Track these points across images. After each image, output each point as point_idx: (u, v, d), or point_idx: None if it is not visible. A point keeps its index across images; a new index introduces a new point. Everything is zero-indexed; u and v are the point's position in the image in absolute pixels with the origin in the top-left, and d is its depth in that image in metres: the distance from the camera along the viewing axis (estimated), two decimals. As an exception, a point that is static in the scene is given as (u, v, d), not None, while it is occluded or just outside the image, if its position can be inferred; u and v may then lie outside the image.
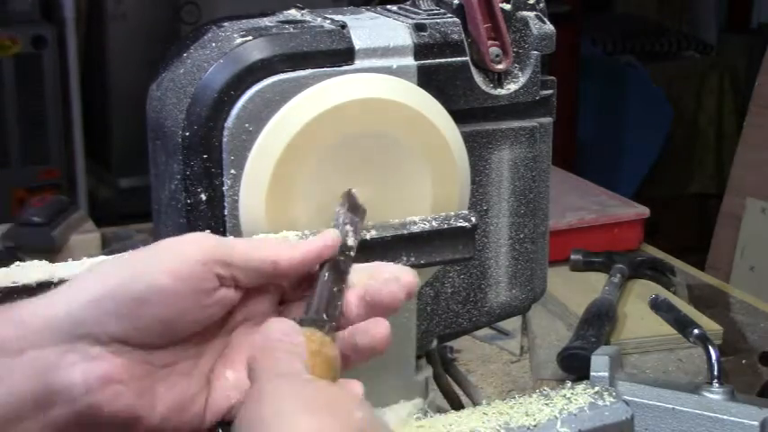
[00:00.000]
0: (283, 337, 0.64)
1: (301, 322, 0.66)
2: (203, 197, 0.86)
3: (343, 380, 0.65)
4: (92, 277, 0.67)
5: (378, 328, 0.67)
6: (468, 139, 0.94)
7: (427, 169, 0.89)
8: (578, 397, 0.99)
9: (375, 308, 0.69)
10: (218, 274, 0.67)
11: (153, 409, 0.66)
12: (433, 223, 0.87)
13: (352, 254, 0.73)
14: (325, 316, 0.67)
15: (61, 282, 0.73)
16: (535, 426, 0.93)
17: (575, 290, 1.49)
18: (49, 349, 0.64)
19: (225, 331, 0.70)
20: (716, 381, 1.09)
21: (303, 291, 0.72)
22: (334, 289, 0.69)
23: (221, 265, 0.67)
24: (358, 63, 0.89)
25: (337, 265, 0.71)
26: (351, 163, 0.86)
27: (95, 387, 0.64)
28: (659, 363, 1.32)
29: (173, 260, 0.66)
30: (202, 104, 0.85)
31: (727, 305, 1.54)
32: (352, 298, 0.70)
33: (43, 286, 0.75)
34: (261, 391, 0.61)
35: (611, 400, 1.00)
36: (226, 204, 0.86)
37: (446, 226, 0.88)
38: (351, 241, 0.74)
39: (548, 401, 0.98)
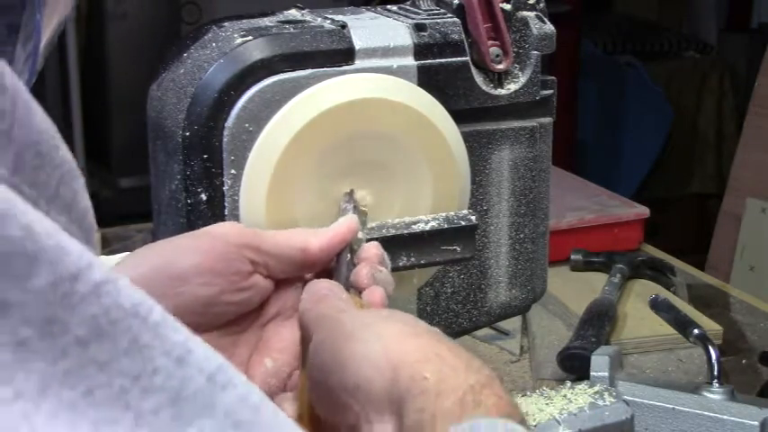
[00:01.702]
0: (330, 291, 0.65)
1: None
2: (203, 197, 0.86)
3: None
4: (132, 261, 0.68)
5: (375, 295, 0.69)
6: (468, 139, 0.94)
7: (427, 169, 0.89)
8: (578, 397, 1.00)
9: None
10: (250, 260, 0.68)
11: None
12: (433, 223, 0.87)
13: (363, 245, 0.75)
14: (350, 288, 0.70)
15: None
16: (535, 426, 0.93)
17: (575, 290, 1.49)
18: None
19: (258, 325, 0.71)
20: (716, 381, 1.09)
21: None
22: (352, 268, 0.72)
23: (253, 251, 0.68)
24: (358, 63, 0.89)
25: (352, 250, 0.73)
26: (351, 163, 0.86)
27: None
28: (659, 363, 1.32)
29: (210, 242, 0.68)
30: (202, 104, 0.85)
31: (727, 305, 1.53)
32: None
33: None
34: (330, 324, 0.60)
35: (611, 400, 1.00)
36: (226, 204, 0.86)
37: (446, 226, 0.88)
38: (360, 234, 0.75)
39: (548, 401, 0.98)
